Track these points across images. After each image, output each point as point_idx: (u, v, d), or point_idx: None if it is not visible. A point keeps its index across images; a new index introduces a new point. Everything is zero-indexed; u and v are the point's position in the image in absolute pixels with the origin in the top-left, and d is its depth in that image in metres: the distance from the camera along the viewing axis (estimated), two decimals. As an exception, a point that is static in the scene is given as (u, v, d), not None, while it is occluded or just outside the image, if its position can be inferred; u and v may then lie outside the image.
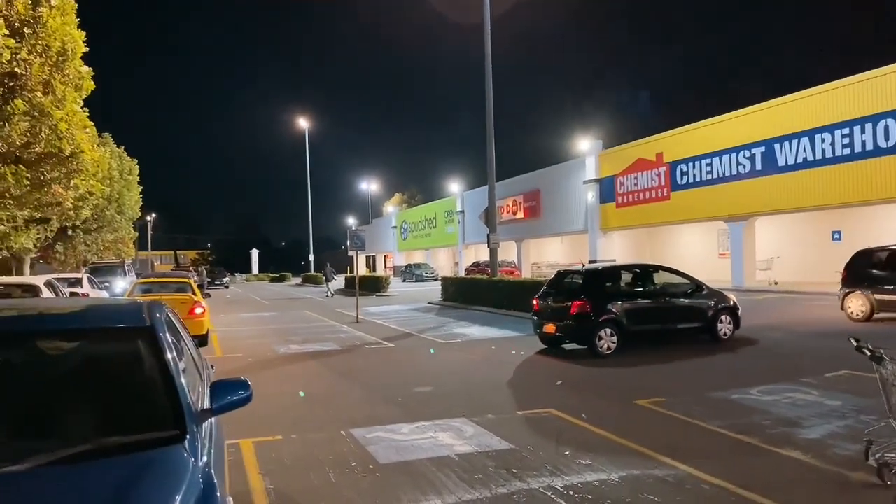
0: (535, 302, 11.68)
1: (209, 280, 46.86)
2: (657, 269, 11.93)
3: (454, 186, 51.32)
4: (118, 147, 33.50)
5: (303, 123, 51.92)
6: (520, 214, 39.98)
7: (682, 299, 11.35)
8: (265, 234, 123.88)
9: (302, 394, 8.04)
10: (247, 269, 73.22)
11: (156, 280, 15.64)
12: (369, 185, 75.25)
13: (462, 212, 48.43)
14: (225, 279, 48.80)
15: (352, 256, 74.38)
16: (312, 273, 51.02)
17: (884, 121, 19.19)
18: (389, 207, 71.87)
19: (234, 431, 5.37)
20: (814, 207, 22.29)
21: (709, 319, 11.34)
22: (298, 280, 56.28)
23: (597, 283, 11.03)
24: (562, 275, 12.14)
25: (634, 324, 10.55)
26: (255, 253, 73.68)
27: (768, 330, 12.79)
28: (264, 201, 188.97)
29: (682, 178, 27.35)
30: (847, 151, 20.42)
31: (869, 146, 19.70)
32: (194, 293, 13.16)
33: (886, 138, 19.17)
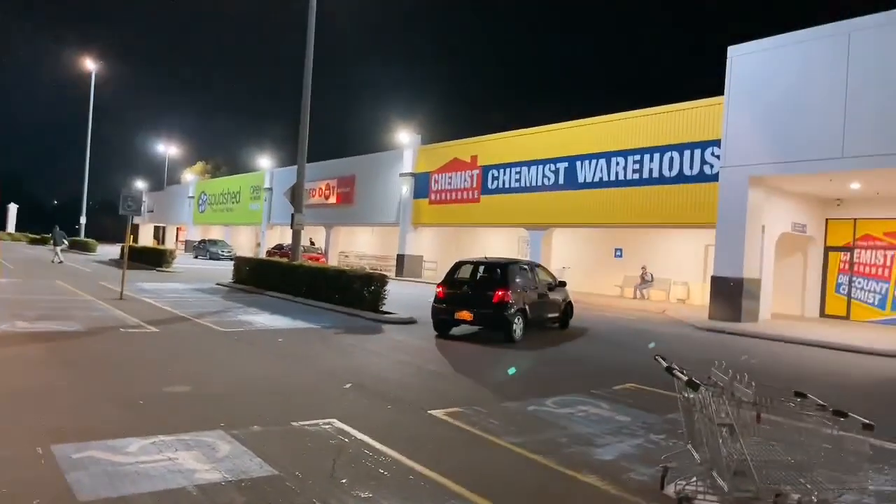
0: (439, 289, 11.99)
1: None
2: (538, 265, 13.69)
3: (264, 162, 48.00)
4: None
5: (89, 65, 44.92)
6: (332, 199, 38.43)
7: (551, 293, 13.11)
8: (32, 191, 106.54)
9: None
10: (2, 226, 61.74)
11: None
12: (168, 148, 67.66)
13: (270, 189, 45.47)
14: None
15: (136, 224, 66.76)
16: (83, 238, 44.34)
17: (669, 153, 21.17)
18: (189, 175, 65.19)
19: None
20: (604, 224, 24.03)
21: (563, 310, 13.50)
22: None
23: (512, 276, 11.82)
24: (472, 264, 12.86)
25: (532, 313, 11.87)
26: (12, 208, 62.24)
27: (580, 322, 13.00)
28: (37, 155, 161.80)
29: (492, 183, 28.03)
30: (636, 176, 22.24)
31: (655, 174, 21.62)
32: None
33: (670, 168, 21.17)
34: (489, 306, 11.22)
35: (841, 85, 15.12)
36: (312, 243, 39.95)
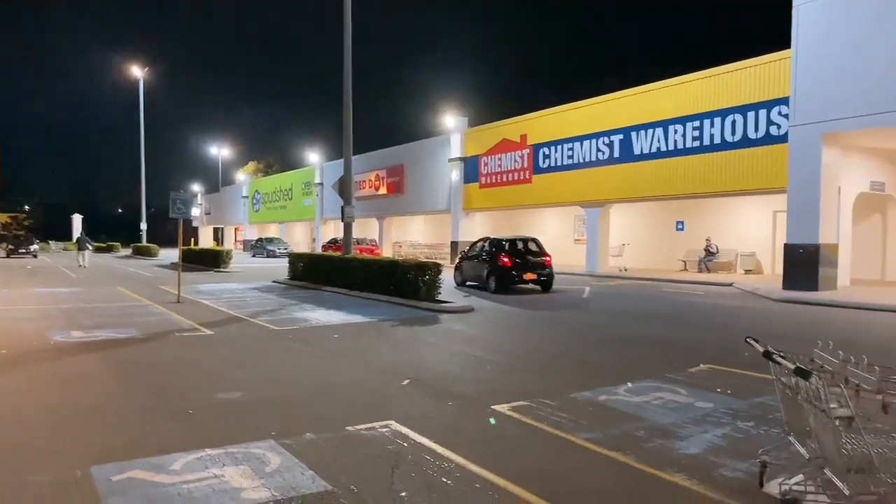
0: (506, 259, 17.18)
1: (12, 247, 41.26)
2: (532, 239, 18.76)
3: (314, 157, 48.42)
4: None
5: (137, 73, 46.17)
6: (382, 190, 38.38)
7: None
8: (96, 200, 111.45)
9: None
10: (68, 236, 64.66)
11: None
12: (220, 150, 69.19)
13: (321, 184, 45.87)
14: (32, 247, 42.39)
15: (195, 227, 68.73)
16: (145, 244, 45.88)
17: (731, 116, 19.92)
18: (241, 176, 66.53)
19: None
20: (664, 197, 22.96)
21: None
22: (128, 251, 50.51)
23: (511, 248, 17.81)
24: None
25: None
26: (76, 218, 64.74)
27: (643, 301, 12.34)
28: (97, 164, 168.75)
29: (544, 162, 27.24)
30: (696, 144, 21.07)
31: (717, 139, 20.41)
32: None
33: (733, 133, 19.92)
34: (545, 268, 17.31)
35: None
36: (370, 240, 40.09)
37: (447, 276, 15.68)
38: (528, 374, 7.59)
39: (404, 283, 14.58)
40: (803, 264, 16.07)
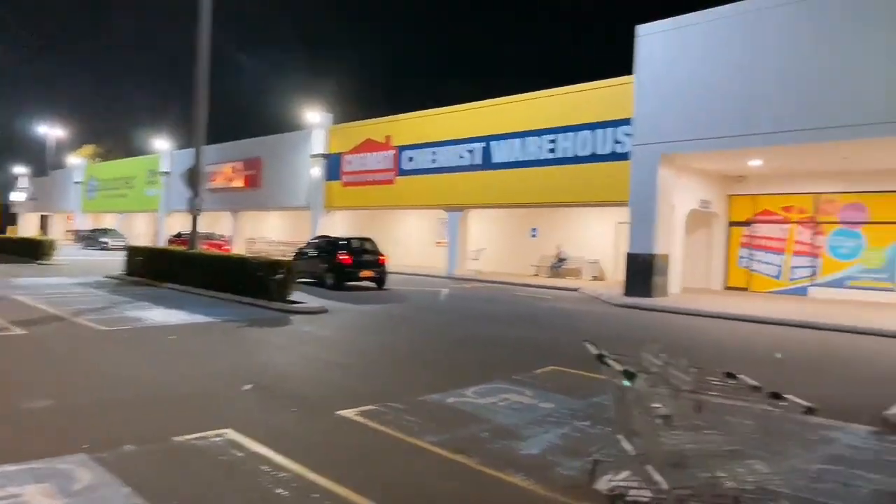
0: (345, 257, 18.10)
1: None
2: (367, 239, 19.91)
3: (161, 144, 44.87)
4: None
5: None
6: (238, 183, 36.46)
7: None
8: None
9: None
10: None
11: None
12: (51, 130, 61.73)
13: (168, 173, 42.64)
14: None
15: (14, 213, 60.93)
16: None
17: (583, 132, 21.28)
18: (75, 160, 59.85)
19: None
20: (519, 204, 23.99)
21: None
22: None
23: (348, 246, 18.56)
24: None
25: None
26: None
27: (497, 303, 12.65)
28: None
29: (408, 164, 27.36)
30: (550, 156, 22.26)
31: (569, 153, 21.69)
32: None
33: (584, 148, 21.29)
34: (379, 266, 18.32)
35: (744, 64, 15.52)
36: (220, 236, 37.82)
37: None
38: (378, 376, 7.47)
39: (254, 281, 13.85)
40: (641, 272, 17.49)
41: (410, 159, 27.26)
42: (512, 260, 26.85)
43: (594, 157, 20.97)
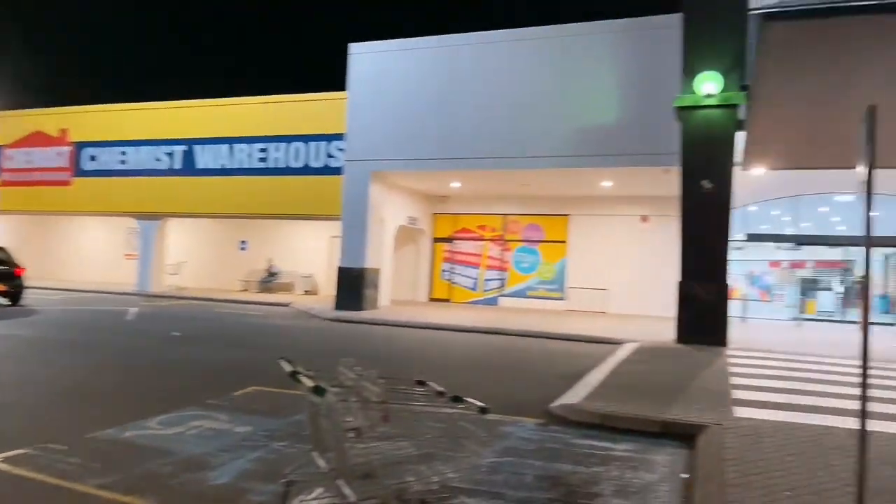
0: None
1: None
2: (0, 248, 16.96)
3: None
4: None
5: None
6: None
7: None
8: None
9: None
10: None
11: None
12: None
13: None
14: None
15: None
16: None
17: (296, 143, 21.04)
18: None
19: None
20: (227, 215, 22.65)
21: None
22: None
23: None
24: None
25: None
26: None
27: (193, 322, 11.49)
28: None
29: (90, 163, 23.83)
30: (262, 165, 21.52)
31: (281, 164, 21.24)
32: None
33: (296, 159, 21.05)
34: (14, 279, 16.19)
35: (445, 93, 17.06)
36: None
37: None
38: (36, 414, 6.16)
39: None
40: (352, 286, 17.86)
41: (93, 158, 23.80)
42: (219, 274, 25.23)
43: (307, 170, 20.90)
